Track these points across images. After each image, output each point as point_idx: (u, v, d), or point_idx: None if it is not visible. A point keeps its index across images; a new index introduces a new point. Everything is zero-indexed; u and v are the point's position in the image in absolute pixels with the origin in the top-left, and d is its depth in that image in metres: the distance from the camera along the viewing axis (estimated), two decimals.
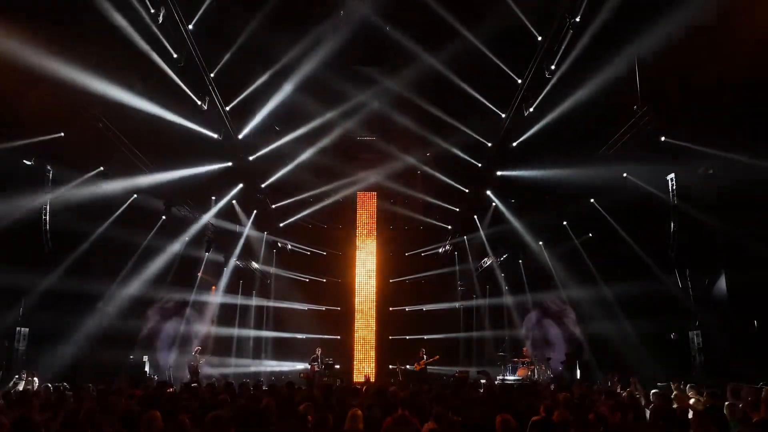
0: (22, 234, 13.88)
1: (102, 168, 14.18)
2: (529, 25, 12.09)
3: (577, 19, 10.93)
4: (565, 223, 18.03)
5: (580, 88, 12.42)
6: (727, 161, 11.30)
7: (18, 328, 13.84)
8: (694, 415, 6.35)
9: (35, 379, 12.57)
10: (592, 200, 16.29)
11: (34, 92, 10.60)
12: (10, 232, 13.50)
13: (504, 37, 12.71)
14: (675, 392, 9.38)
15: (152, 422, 5.43)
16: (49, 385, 10.61)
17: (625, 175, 14.19)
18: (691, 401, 8.67)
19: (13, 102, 10.80)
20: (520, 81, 13.57)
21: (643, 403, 8.99)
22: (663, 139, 12.13)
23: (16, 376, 12.54)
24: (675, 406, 7.95)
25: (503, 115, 15.09)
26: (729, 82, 10.13)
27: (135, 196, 15.51)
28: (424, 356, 19.27)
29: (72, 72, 10.70)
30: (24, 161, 12.88)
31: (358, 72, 15.51)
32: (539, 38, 12.13)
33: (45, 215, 13.82)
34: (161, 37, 11.42)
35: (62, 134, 12.47)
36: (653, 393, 9.12)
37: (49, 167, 13.54)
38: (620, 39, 10.97)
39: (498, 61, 13.42)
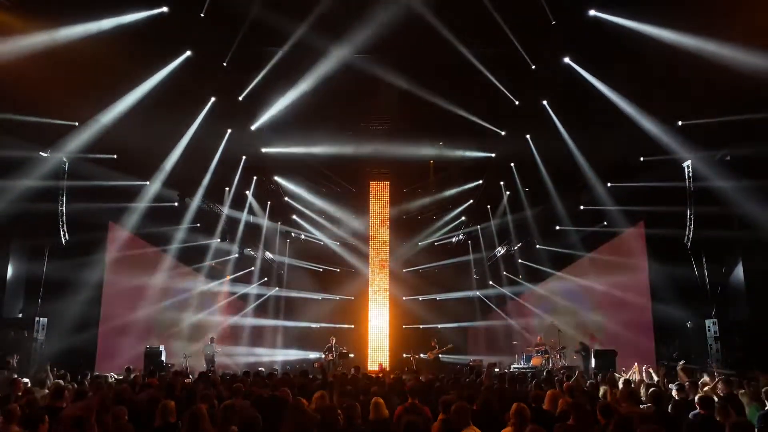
0: (39, 224, 14.11)
1: (115, 156, 14.16)
2: None
3: None
4: (582, 207, 17.72)
5: None
6: None
7: (37, 318, 14.00)
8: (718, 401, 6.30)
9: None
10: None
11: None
12: (28, 223, 13.71)
13: None
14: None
15: (165, 411, 5.49)
16: (67, 374, 10.66)
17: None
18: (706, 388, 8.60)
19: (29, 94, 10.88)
20: None
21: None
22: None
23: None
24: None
25: None
26: None
27: (147, 183, 15.57)
28: (436, 346, 19.36)
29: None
30: (40, 153, 13.03)
31: None
32: None
33: (62, 206, 13.95)
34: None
35: (76, 123, 12.61)
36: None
37: (65, 158, 13.65)
38: None
39: None
